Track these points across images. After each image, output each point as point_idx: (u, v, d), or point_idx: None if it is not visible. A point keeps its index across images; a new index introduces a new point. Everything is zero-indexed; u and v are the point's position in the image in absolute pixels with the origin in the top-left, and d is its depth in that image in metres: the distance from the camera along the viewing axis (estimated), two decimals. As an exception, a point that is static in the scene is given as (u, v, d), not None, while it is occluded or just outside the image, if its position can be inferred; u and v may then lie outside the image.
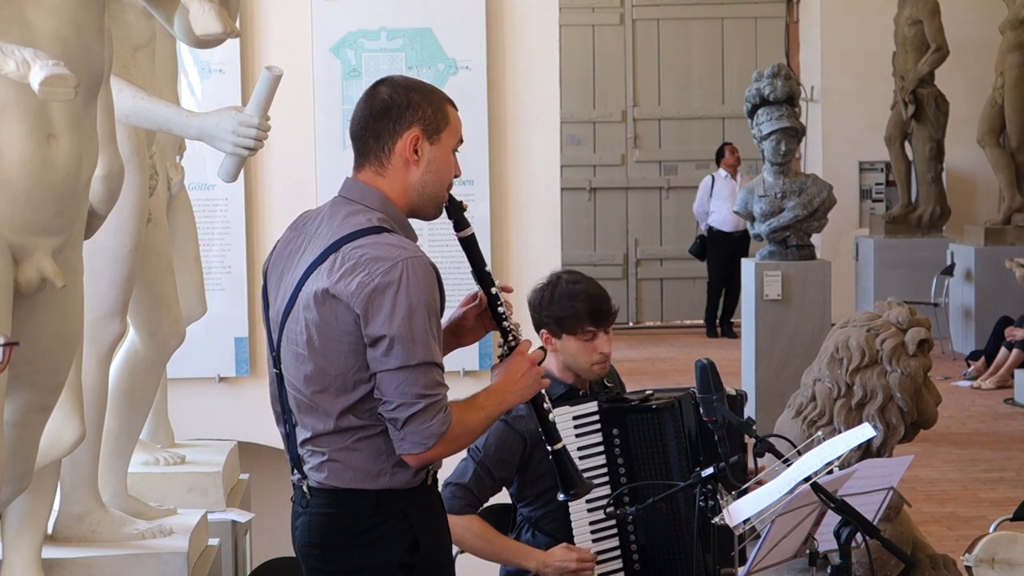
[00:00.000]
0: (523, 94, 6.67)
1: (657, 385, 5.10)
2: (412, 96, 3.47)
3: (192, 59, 6.47)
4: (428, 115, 3.47)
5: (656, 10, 17.01)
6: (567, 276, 4.64)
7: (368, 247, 3.35)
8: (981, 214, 16.02)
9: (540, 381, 3.56)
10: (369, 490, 3.42)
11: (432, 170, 3.49)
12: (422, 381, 3.33)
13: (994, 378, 12.78)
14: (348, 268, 3.34)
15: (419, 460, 3.39)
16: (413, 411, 3.33)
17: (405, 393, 3.33)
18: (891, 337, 5.44)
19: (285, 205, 6.63)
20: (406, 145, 3.46)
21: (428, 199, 3.50)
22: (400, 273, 3.31)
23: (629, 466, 4.51)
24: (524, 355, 3.54)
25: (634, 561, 4.54)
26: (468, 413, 3.45)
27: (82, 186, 3.42)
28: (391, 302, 3.31)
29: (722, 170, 15.76)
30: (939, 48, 15.16)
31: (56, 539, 4.34)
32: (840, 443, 3.90)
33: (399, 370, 3.32)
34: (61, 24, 3.23)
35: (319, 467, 3.45)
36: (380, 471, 3.41)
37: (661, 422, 4.51)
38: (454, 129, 3.53)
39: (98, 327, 4.32)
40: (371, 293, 3.31)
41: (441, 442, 3.36)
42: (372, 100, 3.49)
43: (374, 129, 3.47)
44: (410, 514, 3.45)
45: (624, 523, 4.51)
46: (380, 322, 3.31)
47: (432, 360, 3.35)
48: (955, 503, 8.96)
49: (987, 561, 5.07)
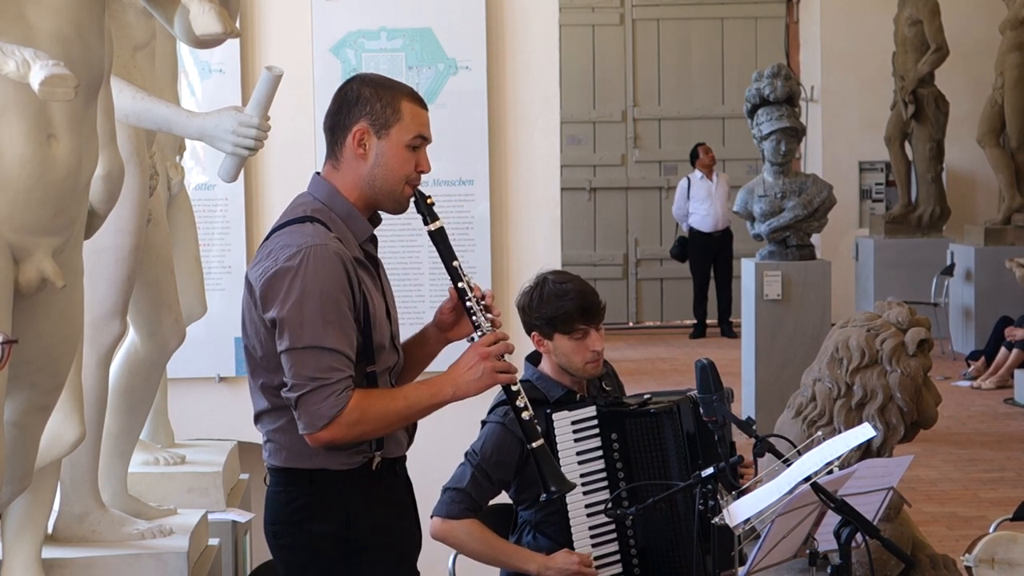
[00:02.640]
0: (523, 94, 6.66)
1: (657, 385, 5.10)
2: (363, 91, 3.56)
3: (192, 59, 6.46)
4: (376, 110, 3.54)
5: (656, 10, 17.02)
6: (553, 276, 4.62)
7: (284, 235, 3.51)
8: (981, 214, 16.02)
9: (494, 376, 3.54)
10: (303, 469, 3.53)
11: (380, 164, 3.56)
12: (312, 364, 3.42)
13: (994, 378, 12.78)
14: (263, 255, 3.51)
15: (314, 440, 3.46)
16: (302, 392, 3.43)
17: (297, 375, 3.44)
18: (891, 337, 5.44)
19: (285, 205, 6.60)
20: (352, 139, 3.56)
21: (381, 193, 3.58)
22: (301, 259, 3.43)
23: (628, 470, 4.50)
24: (477, 348, 3.55)
25: (634, 565, 4.54)
26: (378, 400, 3.50)
27: (82, 186, 3.42)
28: (287, 286, 3.43)
29: (698, 171, 15.80)
30: (939, 48, 15.16)
31: (56, 539, 4.34)
32: (840, 443, 3.90)
33: (288, 352, 3.44)
34: (61, 24, 3.23)
35: (264, 446, 3.61)
36: (314, 451, 3.50)
37: (660, 426, 4.50)
38: (407, 125, 3.56)
39: (98, 327, 4.32)
40: (271, 278, 3.45)
41: (334, 424, 3.43)
42: (336, 95, 3.62)
43: (331, 123, 3.61)
44: (345, 494, 3.53)
45: (623, 526, 4.50)
46: (275, 305, 3.45)
47: (323, 345, 3.42)
48: (955, 503, 8.96)
49: (987, 561, 5.07)
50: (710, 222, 15.65)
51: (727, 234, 15.75)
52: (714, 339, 15.85)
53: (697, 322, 16.21)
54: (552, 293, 4.54)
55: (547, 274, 4.64)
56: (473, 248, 6.38)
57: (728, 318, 15.80)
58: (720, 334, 15.91)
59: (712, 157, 15.83)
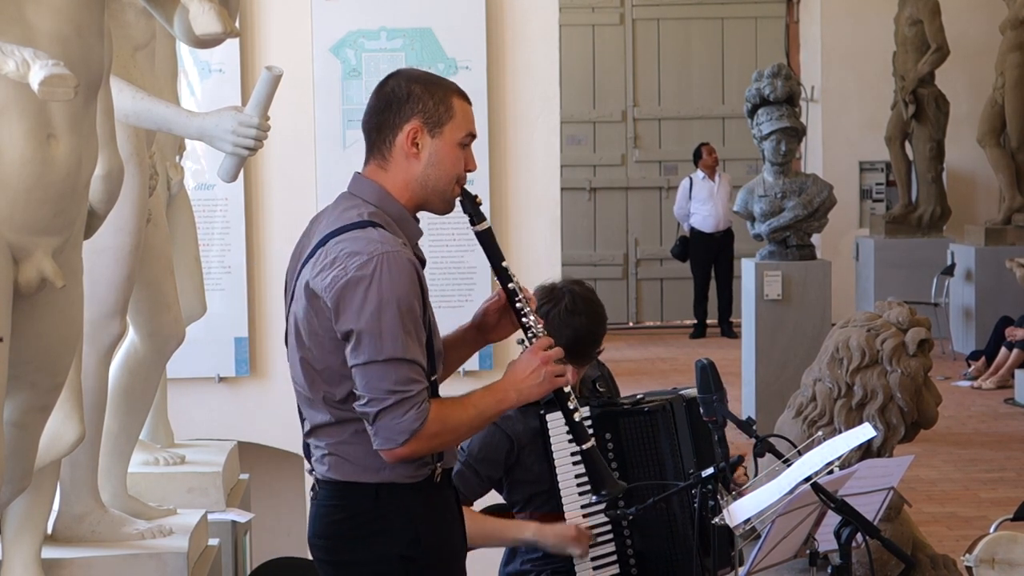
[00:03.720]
0: (523, 94, 6.66)
1: (657, 385, 5.10)
2: (413, 88, 3.43)
3: (192, 59, 6.46)
4: (429, 107, 3.42)
5: (656, 10, 17.02)
6: (569, 302, 4.44)
7: (348, 242, 3.34)
8: (981, 214, 16.02)
9: (554, 380, 3.47)
10: (369, 483, 3.41)
11: (434, 163, 3.44)
12: (392, 377, 3.30)
13: (994, 378, 12.78)
14: (327, 262, 3.33)
15: (393, 456, 3.35)
16: (382, 407, 3.31)
17: (375, 388, 3.30)
18: (891, 337, 5.44)
19: (285, 205, 6.63)
20: (405, 138, 3.42)
21: (433, 193, 3.46)
22: (374, 268, 3.29)
23: (623, 469, 4.49)
24: (536, 352, 3.47)
25: (631, 565, 4.53)
26: (452, 410, 3.40)
27: (82, 186, 3.42)
28: (362, 296, 3.29)
29: (700, 171, 15.80)
30: (939, 48, 15.16)
31: (56, 539, 4.34)
32: (840, 443, 3.90)
33: (367, 365, 3.30)
34: (61, 24, 3.23)
35: (322, 459, 3.45)
36: (380, 464, 3.39)
37: (654, 424, 4.49)
38: (460, 122, 3.45)
39: (98, 327, 4.32)
40: (343, 287, 3.30)
41: (415, 438, 3.32)
42: (378, 93, 3.47)
43: (376, 122, 3.45)
44: (411, 508, 3.43)
45: (620, 527, 4.50)
46: (350, 316, 3.30)
47: (403, 356, 3.30)
48: (955, 503, 8.96)
49: (987, 561, 5.07)
50: (711, 222, 15.68)
51: (728, 234, 15.75)
52: (714, 339, 15.85)
53: (697, 322, 16.22)
54: (559, 317, 4.41)
55: (566, 291, 4.48)
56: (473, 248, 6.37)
57: (728, 318, 15.80)
58: (720, 334, 15.91)
59: (715, 158, 15.83)
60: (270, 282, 6.62)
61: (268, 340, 6.64)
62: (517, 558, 4.68)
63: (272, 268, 6.62)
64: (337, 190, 3.58)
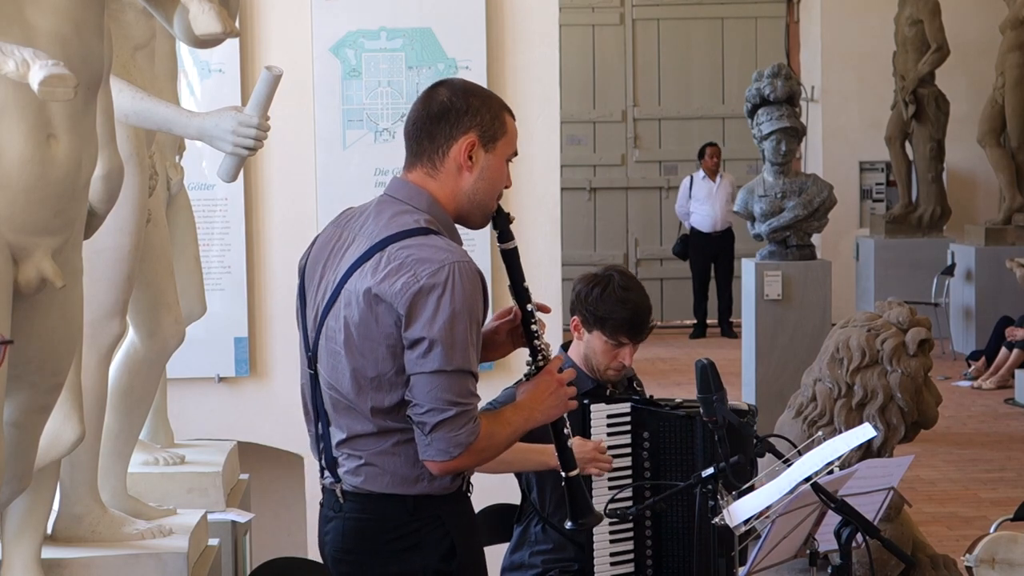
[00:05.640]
0: (523, 94, 6.66)
1: (658, 385, 5.12)
2: (472, 101, 3.41)
3: (192, 59, 6.46)
4: (486, 122, 3.41)
5: (656, 10, 17.02)
6: (619, 279, 4.61)
7: (415, 248, 3.30)
8: (981, 214, 16.02)
9: (567, 402, 3.47)
10: (406, 495, 3.37)
11: (485, 178, 3.44)
12: (456, 388, 3.27)
13: (994, 378, 12.78)
14: (393, 268, 3.28)
15: (442, 468, 3.32)
16: (443, 418, 3.27)
17: (437, 398, 3.27)
18: (891, 337, 5.44)
19: (285, 205, 6.63)
20: (461, 150, 3.40)
21: (478, 207, 3.46)
22: (447, 276, 3.26)
23: (655, 469, 4.52)
24: (552, 374, 3.46)
25: (647, 565, 4.56)
26: (496, 426, 3.38)
27: (82, 186, 3.42)
28: (435, 305, 3.25)
29: (701, 171, 15.80)
30: (939, 48, 15.16)
31: (56, 539, 4.34)
32: (840, 443, 3.90)
33: (435, 374, 3.26)
34: (61, 24, 3.23)
35: (356, 471, 3.39)
36: (418, 476, 3.36)
37: (692, 429, 4.52)
38: (511, 138, 3.46)
39: (98, 327, 4.31)
40: (416, 294, 3.25)
41: (467, 452, 3.30)
42: (430, 101, 3.42)
43: (430, 131, 3.41)
44: (447, 520, 3.40)
45: (642, 526, 4.52)
46: (421, 324, 3.25)
47: (468, 368, 3.29)
48: (955, 503, 8.96)
49: (987, 561, 5.07)
50: (708, 222, 15.71)
51: (728, 234, 15.76)
52: (714, 339, 15.85)
53: (697, 322, 16.22)
54: (613, 295, 4.56)
55: (614, 272, 4.65)
56: (472, 248, 6.37)
57: (728, 318, 15.80)
58: (720, 334, 15.92)
59: (716, 161, 15.81)
60: (270, 282, 6.61)
61: (268, 340, 6.64)
62: (525, 547, 4.69)
63: (272, 268, 6.61)
64: (337, 190, 3.58)
